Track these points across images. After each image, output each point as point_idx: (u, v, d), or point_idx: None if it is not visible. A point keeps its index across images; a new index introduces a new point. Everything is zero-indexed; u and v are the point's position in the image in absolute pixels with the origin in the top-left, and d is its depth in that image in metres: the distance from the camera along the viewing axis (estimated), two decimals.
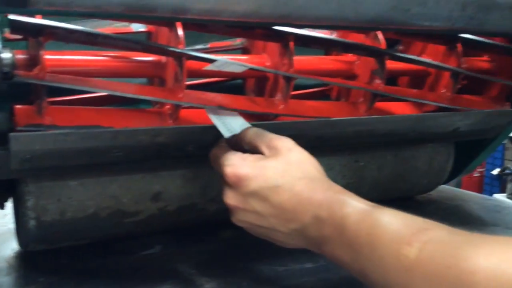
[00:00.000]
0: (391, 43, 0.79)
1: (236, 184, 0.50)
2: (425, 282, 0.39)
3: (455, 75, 0.72)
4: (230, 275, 0.59)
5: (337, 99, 0.77)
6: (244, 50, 0.69)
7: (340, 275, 0.58)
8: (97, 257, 0.64)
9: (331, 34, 0.72)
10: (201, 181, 0.68)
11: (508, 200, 1.02)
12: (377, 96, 0.69)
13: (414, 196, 0.96)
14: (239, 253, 0.67)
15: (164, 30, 0.57)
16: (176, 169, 0.65)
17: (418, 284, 0.39)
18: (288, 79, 0.61)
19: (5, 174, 0.53)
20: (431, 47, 0.76)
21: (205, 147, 0.59)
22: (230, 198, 0.51)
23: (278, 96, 0.63)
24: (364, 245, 0.43)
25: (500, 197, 3.00)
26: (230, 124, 0.55)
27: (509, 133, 0.90)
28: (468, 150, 0.90)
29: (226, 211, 0.71)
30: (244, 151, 0.52)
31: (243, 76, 0.69)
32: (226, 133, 0.54)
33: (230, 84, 0.73)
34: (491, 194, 3.13)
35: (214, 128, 0.56)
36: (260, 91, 0.67)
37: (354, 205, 0.46)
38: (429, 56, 0.76)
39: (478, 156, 0.90)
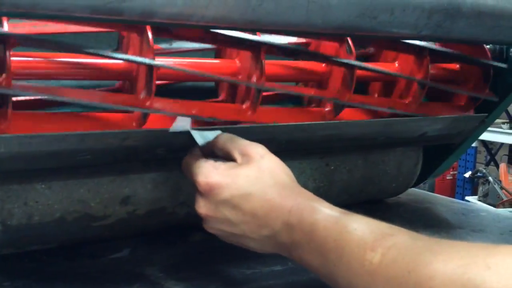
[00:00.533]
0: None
1: (207, 193, 0.50)
2: (387, 286, 0.40)
3: (421, 84, 0.73)
4: (198, 278, 0.59)
5: (309, 104, 0.77)
6: (217, 53, 0.69)
7: (308, 277, 0.58)
8: (65, 260, 0.63)
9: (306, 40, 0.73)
10: (171, 185, 0.68)
11: (475, 203, 1.04)
12: (345, 105, 0.70)
13: (383, 199, 0.97)
14: (208, 256, 0.67)
15: (134, 35, 0.57)
16: (146, 172, 0.65)
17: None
18: (258, 86, 0.62)
19: None
20: (401, 56, 0.77)
21: (176, 150, 0.59)
22: (202, 207, 0.51)
23: (248, 103, 0.64)
24: (331, 250, 0.45)
25: (471, 199, 3.07)
26: (204, 132, 0.55)
27: (476, 138, 0.92)
28: (436, 154, 0.92)
29: (196, 215, 0.72)
30: (217, 157, 0.52)
31: (215, 80, 0.69)
32: (200, 141, 0.54)
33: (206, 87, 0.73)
34: (463, 197, 3.20)
35: (185, 132, 0.56)
36: (231, 97, 0.67)
37: (323, 212, 0.47)
38: (401, 62, 0.78)
39: (446, 160, 0.93)
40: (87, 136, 0.53)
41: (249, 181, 0.49)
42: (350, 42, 0.66)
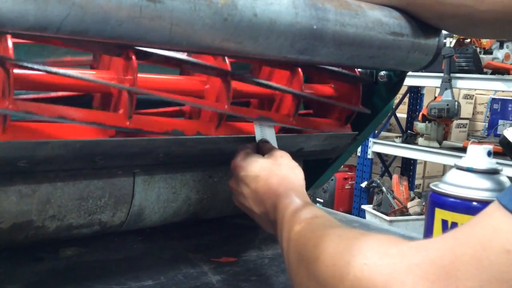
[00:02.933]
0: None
1: (232, 170, 0.67)
2: (294, 251, 0.49)
3: (296, 98, 0.78)
4: None
5: (190, 117, 0.79)
6: (92, 66, 0.68)
7: None
8: None
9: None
10: (40, 197, 0.65)
11: (352, 217, 1.11)
12: (224, 116, 0.72)
13: None
14: (77, 272, 0.65)
15: None
16: (11, 184, 0.62)
17: (291, 253, 0.50)
18: (131, 94, 0.62)
19: None
20: (277, 72, 0.81)
21: (39, 162, 0.58)
22: (231, 181, 0.68)
23: (122, 111, 0.63)
24: (284, 228, 0.55)
25: (367, 208, 3.26)
26: (265, 133, 0.73)
27: (351, 153, 0.99)
28: (315, 167, 0.97)
29: (67, 229, 0.70)
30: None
31: (90, 91, 0.68)
32: (258, 138, 0.72)
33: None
34: (359, 205, 3.38)
35: (47, 144, 0.55)
36: (105, 106, 0.67)
37: (294, 200, 0.58)
38: (276, 80, 0.82)
39: (324, 173, 0.98)
40: None
41: (261, 168, 0.63)
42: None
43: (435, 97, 3.09)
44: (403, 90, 3.53)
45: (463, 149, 3.16)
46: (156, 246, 0.79)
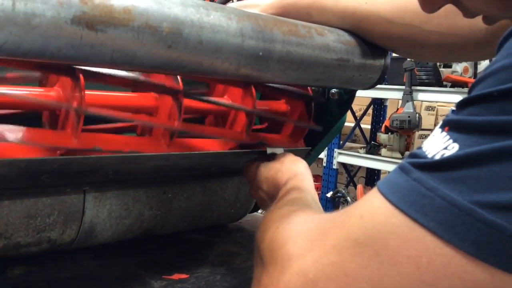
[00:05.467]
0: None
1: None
2: (262, 224, 0.52)
3: (249, 115, 0.79)
4: None
5: (142, 133, 0.79)
6: (40, 82, 0.68)
7: None
8: None
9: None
10: None
11: None
12: (175, 133, 0.73)
13: (224, 224, 1.02)
14: None
15: None
16: None
17: (266, 220, 0.52)
18: (78, 113, 0.62)
19: None
20: (231, 89, 0.83)
21: None
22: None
23: (69, 129, 0.64)
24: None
25: None
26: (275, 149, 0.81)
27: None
28: None
29: (15, 247, 0.69)
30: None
31: (37, 109, 0.68)
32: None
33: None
34: None
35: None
36: (53, 124, 0.66)
37: (287, 187, 0.65)
38: (230, 96, 0.83)
39: None
40: None
41: (268, 170, 0.71)
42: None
43: (397, 109, 3.17)
44: (367, 101, 3.61)
45: None
46: (107, 264, 0.78)
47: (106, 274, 0.74)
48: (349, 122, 3.42)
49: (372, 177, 3.68)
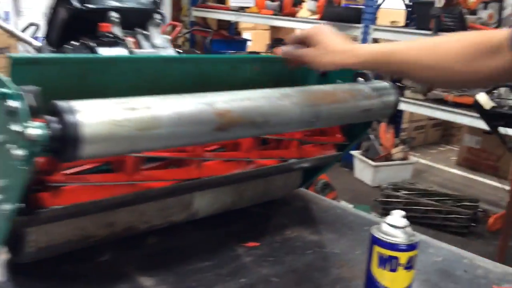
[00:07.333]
0: None
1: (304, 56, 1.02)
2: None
3: (301, 143, 1.17)
4: None
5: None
6: None
7: None
8: None
9: None
10: None
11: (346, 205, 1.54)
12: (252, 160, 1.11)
13: (277, 199, 1.42)
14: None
15: None
16: None
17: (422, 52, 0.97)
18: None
19: None
20: None
21: None
22: (310, 53, 1.01)
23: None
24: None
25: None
26: None
27: (333, 163, 1.38)
28: (311, 172, 1.38)
29: (150, 227, 1.11)
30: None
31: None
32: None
33: None
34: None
35: None
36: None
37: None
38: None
39: (314, 175, 1.40)
40: None
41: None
42: None
43: None
44: None
45: (444, 101, 3.55)
46: (204, 236, 1.20)
47: (209, 243, 1.16)
48: None
49: (395, 116, 4.01)
